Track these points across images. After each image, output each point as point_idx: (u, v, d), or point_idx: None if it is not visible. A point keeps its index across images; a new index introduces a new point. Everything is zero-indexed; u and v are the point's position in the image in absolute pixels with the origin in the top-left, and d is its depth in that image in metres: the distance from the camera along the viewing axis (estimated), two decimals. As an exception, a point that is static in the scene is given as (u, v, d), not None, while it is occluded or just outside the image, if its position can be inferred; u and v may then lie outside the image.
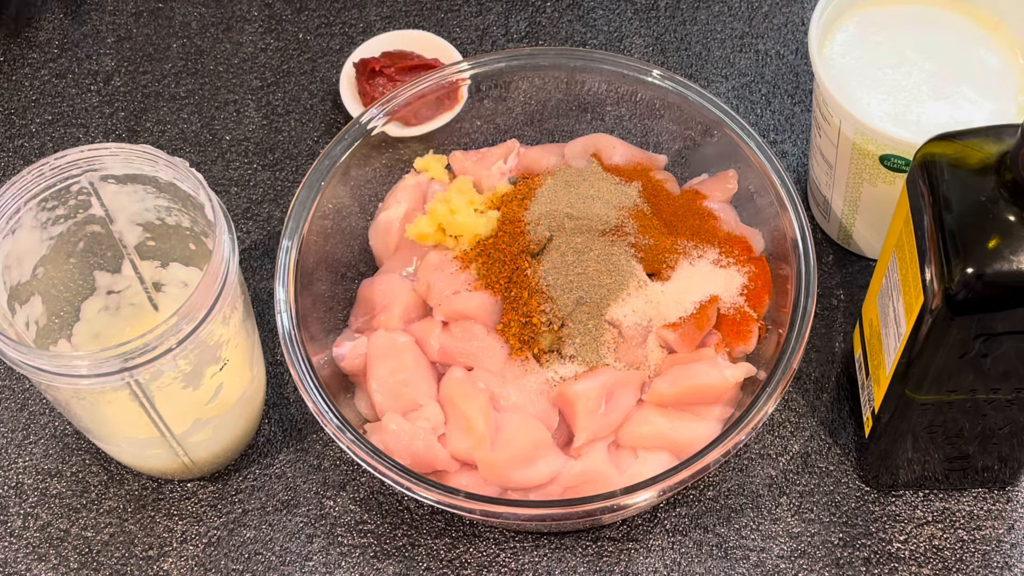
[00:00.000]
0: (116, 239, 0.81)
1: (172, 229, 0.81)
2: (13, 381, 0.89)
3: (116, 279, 0.83)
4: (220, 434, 0.81)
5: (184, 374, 0.74)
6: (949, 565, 0.82)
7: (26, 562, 0.83)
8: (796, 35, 1.06)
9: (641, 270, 0.85)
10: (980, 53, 0.86)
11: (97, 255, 0.82)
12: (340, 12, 1.07)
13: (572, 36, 1.06)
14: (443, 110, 0.94)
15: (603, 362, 0.82)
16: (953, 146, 0.70)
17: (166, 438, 0.78)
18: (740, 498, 0.85)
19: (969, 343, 0.70)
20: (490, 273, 0.85)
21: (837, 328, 0.91)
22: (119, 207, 0.79)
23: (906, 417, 0.78)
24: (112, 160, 0.76)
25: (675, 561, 0.83)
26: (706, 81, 1.03)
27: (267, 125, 1.02)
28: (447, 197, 0.88)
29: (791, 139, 1.00)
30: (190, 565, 0.83)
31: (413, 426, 0.81)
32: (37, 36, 1.06)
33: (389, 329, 0.85)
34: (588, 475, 0.80)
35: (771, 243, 0.87)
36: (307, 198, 0.86)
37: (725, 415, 0.82)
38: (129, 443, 0.80)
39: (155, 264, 0.84)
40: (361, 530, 0.84)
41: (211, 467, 0.84)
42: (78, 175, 0.76)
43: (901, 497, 0.85)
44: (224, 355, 0.76)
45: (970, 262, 0.67)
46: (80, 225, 0.79)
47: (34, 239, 0.77)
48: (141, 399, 0.73)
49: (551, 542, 0.84)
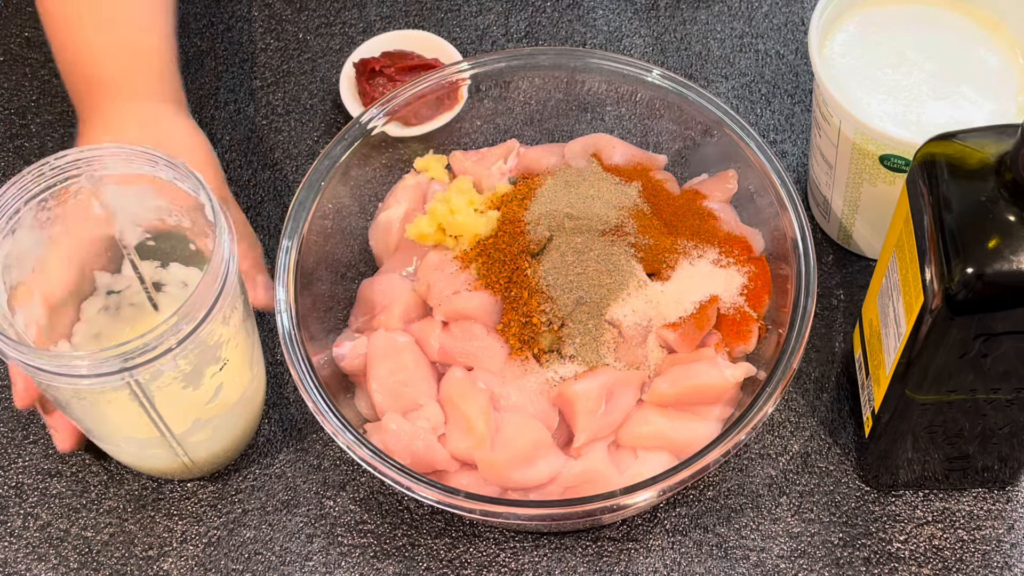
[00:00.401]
0: (116, 239, 0.81)
1: (172, 229, 0.81)
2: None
3: (116, 279, 0.83)
4: (220, 434, 0.81)
5: (184, 374, 0.74)
6: (949, 565, 0.82)
7: (26, 562, 0.83)
8: (796, 35, 1.06)
9: (641, 270, 0.85)
10: (980, 53, 0.86)
11: (97, 255, 0.82)
12: (340, 12, 1.07)
13: (572, 36, 1.06)
14: (443, 110, 0.94)
15: (603, 362, 0.82)
16: (953, 146, 0.70)
17: (166, 438, 0.78)
18: (740, 498, 0.85)
19: (969, 343, 0.70)
20: (490, 273, 0.85)
21: (837, 328, 0.91)
22: (119, 207, 0.79)
23: (906, 417, 0.78)
24: (112, 160, 0.76)
25: (675, 561, 0.83)
26: (706, 81, 1.03)
27: (267, 125, 1.02)
28: (447, 197, 0.88)
29: (791, 139, 1.00)
30: (190, 565, 0.83)
31: (413, 426, 0.81)
32: (37, 36, 1.06)
33: (389, 329, 0.85)
34: (588, 475, 0.80)
35: (771, 243, 0.87)
36: (307, 198, 0.86)
37: (725, 415, 0.82)
38: (129, 443, 0.80)
39: (155, 264, 0.84)
40: (361, 530, 0.84)
41: (211, 467, 0.84)
42: (78, 175, 0.76)
43: (901, 497, 0.85)
44: (224, 355, 0.76)
45: (970, 262, 0.67)
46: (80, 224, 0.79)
47: (34, 239, 0.77)
48: (141, 399, 0.73)
49: (551, 542, 0.84)
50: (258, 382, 0.83)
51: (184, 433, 0.79)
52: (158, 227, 0.81)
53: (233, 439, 0.83)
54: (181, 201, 0.78)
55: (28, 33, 1.06)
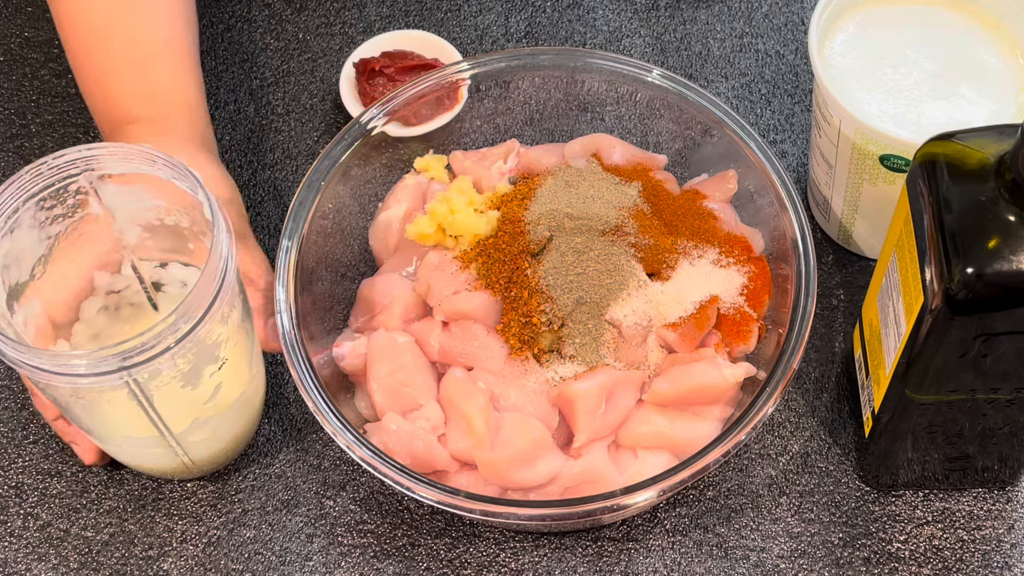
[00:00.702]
0: (115, 239, 0.81)
1: (171, 229, 0.81)
2: (13, 381, 0.89)
3: (115, 279, 0.83)
4: (219, 434, 0.81)
5: (183, 373, 0.74)
6: (949, 565, 0.82)
7: (26, 562, 0.83)
8: (796, 35, 1.06)
9: (641, 270, 0.85)
10: (980, 53, 0.86)
11: (100, 257, 0.82)
12: (340, 12, 1.07)
13: (572, 36, 1.06)
14: (443, 110, 0.94)
15: (603, 362, 0.82)
16: (953, 146, 0.70)
17: (165, 438, 0.78)
18: (740, 498, 0.85)
19: (969, 343, 0.70)
20: (490, 273, 0.85)
21: (837, 328, 0.91)
22: (118, 206, 0.79)
23: (906, 417, 0.78)
24: (111, 159, 0.76)
25: (675, 561, 0.83)
26: (706, 81, 1.03)
27: (267, 125, 1.02)
28: (447, 197, 0.88)
29: (791, 139, 1.00)
30: (190, 565, 0.83)
31: (413, 426, 0.81)
32: (37, 36, 1.06)
33: (389, 329, 0.85)
34: (588, 475, 0.80)
35: (771, 243, 0.87)
36: (307, 198, 0.86)
37: (725, 415, 0.82)
38: (128, 443, 0.80)
39: (154, 264, 0.84)
40: (361, 530, 0.84)
41: (211, 467, 0.84)
42: (76, 174, 0.76)
43: (901, 497, 0.85)
44: (223, 354, 0.76)
45: (970, 262, 0.67)
46: (78, 225, 0.79)
47: (32, 239, 0.77)
48: (140, 398, 0.73)
49: (551, 542, 0.84)
50: (257, 382, 0.83)
51: (183, 432, 0.79)
52: (157, 227, 0.81)
53: (232, 439, 0.83)
54: (180, 200, 0.78)
55: (28, 33, 1.06)
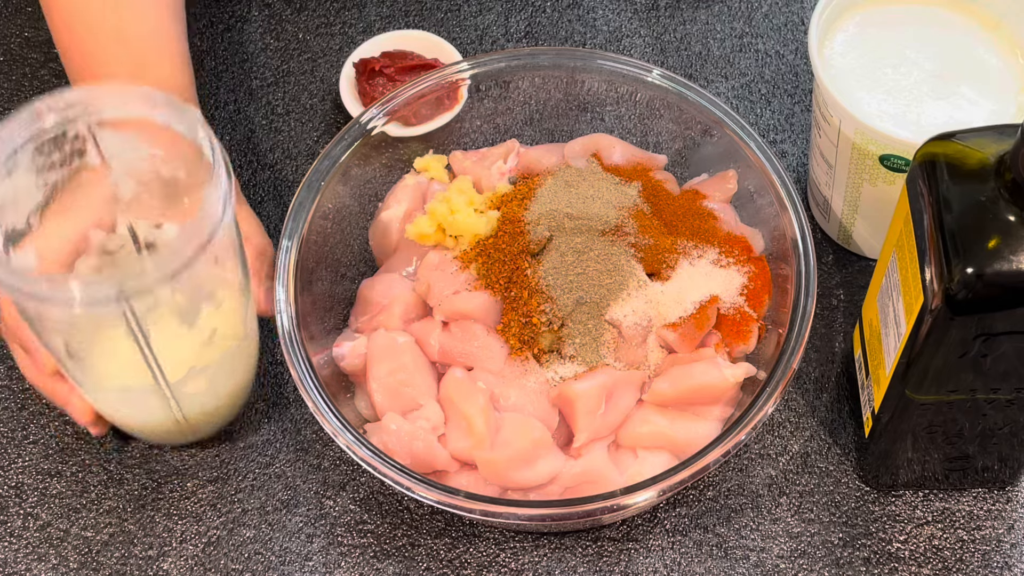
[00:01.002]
0: (111, 193, 0.80)
1: (166, 182, 0.79)
2: (13, 381, 0.90)
3: (110, 238, 0.82)
4: (214, 387, 0.81)
5: (180, 308, 0.73)
6: (949, 565, 0.82)
7: (26, 562, 0.83)
8: (796, 35, 1.06)
9: (641, 270, 0.85)
10: (980, 53, 0.86)
11: (96, 212, 0.81)
12: (340, 12, 1.07)
13: (572, 36, 1.06)
14: (443, 110, 0.94)
15: (603, 362, 0.82)
16: (953, 146, 0.70)
17: (160, 386, 0.77)
18: (740, 498, 0.85)
19: (969, 343, 0.70)
20: (490, 273, 0.85)
21: (837, 328, 0.91)
22: (115, 155, 0.78)
23: (906, 417, 0.78)
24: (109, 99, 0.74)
25: (675, 561, 0.83)
26: (706, 81, 1.03)
27: (267, 125, 1.02)
28: (447, 197, 0.88)
29: (791, 139, 1.00)
30: (190, 565, 0.83)
31: (413, 426, 0.81)
32: (37, 36, 1.06)
33: (389, 329, 0.85)
34: (588, 475, 0.80)
35: (771, 243, 0.87)
36: (307, 198, 0.86)
37: (725, 415, 0.82)
38: (123, 394, 0.79)
39: (149, 224, 0.83)
40: (361, 530, 0.84)
41: (204, 427, 0.83)
42: (74, 119, 0.75)
43: (901, 497, 0.85)
44: (220, 296, 0.75)
45: (970, 262, 0.67)
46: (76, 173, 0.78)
47: (29, 183, 0.76)
48: (136, 334, 0.72)
49: (551, 542, 0.84)
50: (252, 341, 0.83)
51: (178, 382, 0.78)
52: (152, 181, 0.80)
53: (227, 395, 0.82)
54: (177, 149, 0.76)
55: (28, 33, 1.06)
